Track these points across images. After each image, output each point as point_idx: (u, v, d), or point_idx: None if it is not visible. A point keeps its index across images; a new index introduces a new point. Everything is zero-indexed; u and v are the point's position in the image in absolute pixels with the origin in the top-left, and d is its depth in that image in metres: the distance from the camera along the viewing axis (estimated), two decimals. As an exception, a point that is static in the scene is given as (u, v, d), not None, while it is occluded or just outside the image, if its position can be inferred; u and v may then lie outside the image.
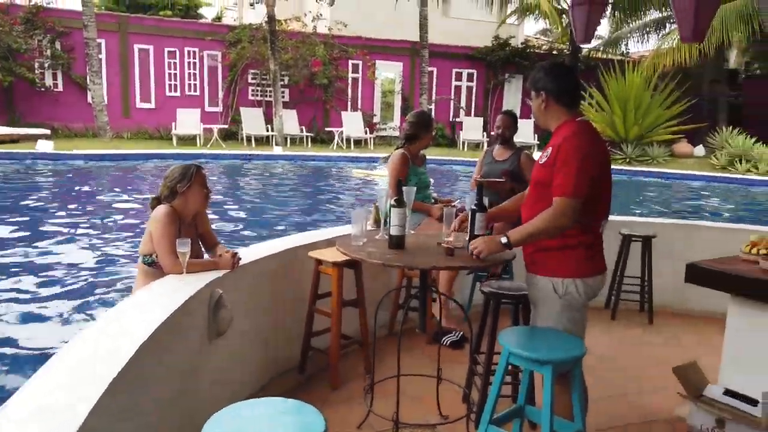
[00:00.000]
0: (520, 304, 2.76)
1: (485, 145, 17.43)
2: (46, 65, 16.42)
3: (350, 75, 19.72)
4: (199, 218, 3.01)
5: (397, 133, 18.63)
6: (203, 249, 3.06)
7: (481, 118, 20.14)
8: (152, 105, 17.75)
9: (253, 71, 18.46)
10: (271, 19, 16.46)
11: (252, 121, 17.32)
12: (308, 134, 17.78)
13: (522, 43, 21.90)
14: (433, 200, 4.13)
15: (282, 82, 17.72)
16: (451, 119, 21.11)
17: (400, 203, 2.48)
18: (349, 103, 19.65)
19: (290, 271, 3.38)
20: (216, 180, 12.81)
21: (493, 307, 2.81)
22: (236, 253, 2.84)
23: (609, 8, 20.14)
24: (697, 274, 2.80)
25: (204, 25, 19.55)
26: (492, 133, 4.73)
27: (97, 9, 19.87)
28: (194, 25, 18.91)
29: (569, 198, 2.13)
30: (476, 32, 21.09)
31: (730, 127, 17.27)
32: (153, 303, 2.34)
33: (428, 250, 2.55)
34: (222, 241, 3.17)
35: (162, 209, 2.77)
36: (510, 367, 2.46)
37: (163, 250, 2.69)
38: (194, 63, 18.11)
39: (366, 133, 18.29)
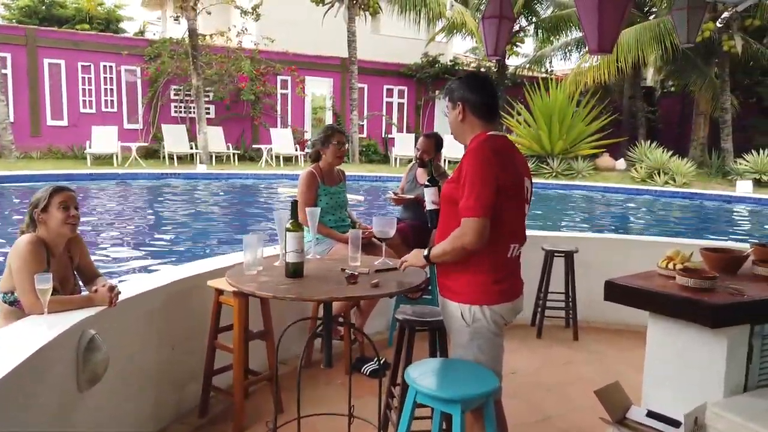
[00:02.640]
0: (436, 331, 2.55)
1: (417, 160, 17.44)
2: (-58, 81, 15.13)
3: (279, 91, 19.30)
4: (74, 248, 2.64)
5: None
6: (81, 283, 2.69)
7: (413, 134, 20.21)
8: (65, 122, 16.63)
9: (175, 87, 17.70)
10: (193, 32, 15.88)
11: (174, 138, 16.57)
12: (235, 152, 17.19)
13: (451, 61, 22.23)
14: (350, 221, 3.92)
15: (207, 98, 17.11)
16: (383, 135, 21.08)
17: (296, 226, 2.22)
18: (278, 120, 19.22)
19: (186, 302, 3.05)
20: (133, 201, 12.11)
21: (407, 336, 2.59)
22: (115, 287, 2.49)
23: (533, 27, 20.89)
24: (614, 292, 2.68)
25: (121, 39, 18.59)
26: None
27: (5, 21, 18.70)
28: (110, 39, 17.92)
29: (475, 218, 1.99)
30: (406, 49, 21.22)
31: (648, 142, 18.06)
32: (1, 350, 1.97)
33: (329, 279, 2.30)
34: (118, 271, 2.81)
35: (22, 239, 2.39)
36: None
37: (22, 287, 2.31)
38: (111, 78, 17.14)
39: (296, 149, 17.90)
